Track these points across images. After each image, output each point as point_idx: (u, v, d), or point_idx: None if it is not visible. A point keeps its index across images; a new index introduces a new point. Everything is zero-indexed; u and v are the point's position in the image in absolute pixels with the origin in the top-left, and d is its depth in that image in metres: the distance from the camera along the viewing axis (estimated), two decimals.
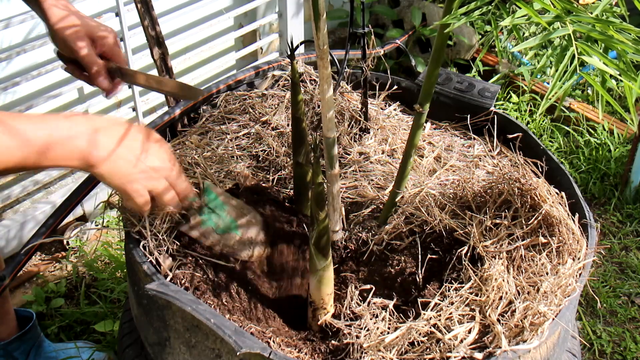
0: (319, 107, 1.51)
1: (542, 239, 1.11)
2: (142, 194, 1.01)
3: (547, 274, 1.07)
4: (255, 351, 0.93)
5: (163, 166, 1.03)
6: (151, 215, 1.15)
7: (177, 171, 1.06)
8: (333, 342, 1.07)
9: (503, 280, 1.05)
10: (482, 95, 1.47)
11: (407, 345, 0.99)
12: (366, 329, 1.02)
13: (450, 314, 1.01)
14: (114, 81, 1.28)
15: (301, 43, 1.33)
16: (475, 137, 1.47)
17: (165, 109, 1.49)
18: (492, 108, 1.45)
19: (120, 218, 1.20)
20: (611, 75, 0.80)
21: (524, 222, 1.14)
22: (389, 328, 1.03)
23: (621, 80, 0.79)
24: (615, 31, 0.79)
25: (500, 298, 1.03)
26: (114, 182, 0.99)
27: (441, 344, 0.98)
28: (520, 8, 0.79)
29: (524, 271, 1.08)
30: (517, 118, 2.71)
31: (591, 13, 0.82)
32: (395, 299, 1.11)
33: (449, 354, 0.96)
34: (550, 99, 0.78)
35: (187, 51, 2.40)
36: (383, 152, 1.42)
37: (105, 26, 1.26)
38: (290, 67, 1.33)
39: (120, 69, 1.26)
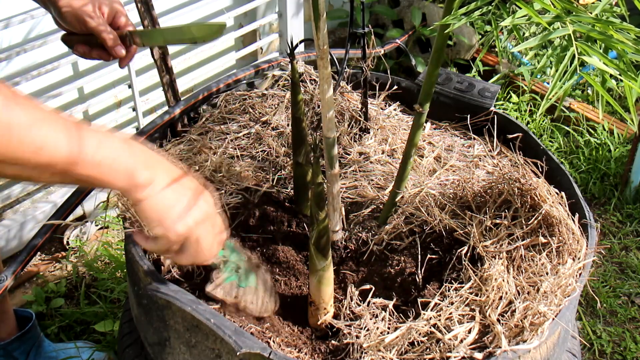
0: (319, 107, 1.51)
1: (542, 239, 1.11)
2: (174, 239, 0.91)
3: (547, 274, 1.07)
4: (255, 351, 0.93)
5: (204, 221, 0.93)
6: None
7: (215, 230, 0.96)
8: (333, 342, 1.07)
9: (503, 280, 1.05)
10: (482, 95, 1.47)
11: (407, 345, 0.99)
12: (366, 329, 1.02)
13: (450, 314, 1.01)
14: (129, 48, 1.27)
15: (301, 42, 1.33)
16: (475, 137, 1.47)
17: (165, 108, 1.49)
18: (492, 108, 1.45)
19: (120, 218, 1.20)
20: (611, 75, 0.80)
21: (524, 222, 1.14)
22: (388, 328, 1.03)
23: (621, 80, 0.79)
24: (615, 31, 0.79)
25: (500, 298, 1.03)
26: (154, 212, 0.88)
27: (441, 344, 0.98)
28: (520, 8, 0.79)
29: (524, 271, 1.08)
30: (517, 118, 2.71)
31: (591, 13, 0.82)
32: (395, 299, 1.11)
33: (449, 354, 0.96)
34: (550, 99, 0.78)
35: (187, 51, 2.40)
36: (383, 152, 1.42)
37: None
38: (290, 66, 1.33)
39: (131, 33, 1.25)
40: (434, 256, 1.17)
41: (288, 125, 1.46)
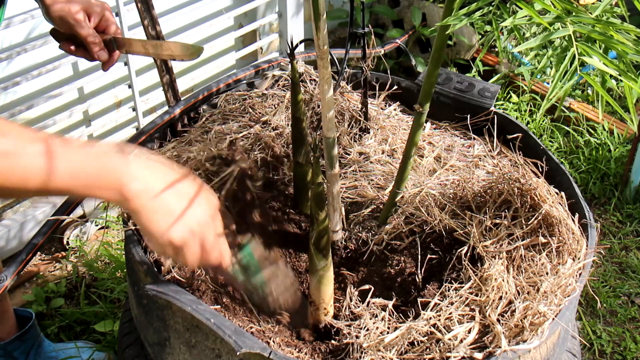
0: (319, 107, 1.51)
1: (542, 239, 1.11)
2: (177, 243, 0.89)
3: (547, 274, 1.07)
4: (255, 351, 0.93)
5: (206, 222, 0.92)
6: None
7: (217, 231, 0.95)
8: (333, 342, 1.07)
9: (503, 280, 1.05)
10: (482, 95, 1.47)
11: (407, 345, 0.99)
12: (366, 329, 1.02)
13: (450, 314, 1.01)
14: (112, 53, 1.29)
15: (301, 42, 1.33)
16: (475, 137, 1.47)
17: (165, 108, 1.49)
18: (492, 108, 1.45)
19: (121, 218, 1.20)
20: (611, 76, 0.80)
21: (523, 222, 1.14)
22: (388, 328, 1.03)
23: (621, 81, 0.79)
24: (615, 31, 0.79)
25: (500, 298, 1.03)
26: (151, 221, 0.87)
27: (441, 344, 0.98)
28: (521, 9, 0.79)
29: (524, 271, 1.08)
30: (517, 118, 2.71)
31: (591, 14, 0.83)
32: (394, 299, 1.11)
33: (448, 354, 0.96)
34: (550, 100, 0.78)
35: None
36: (383, 152, 1.42)
37: (99, 1, 1.27)
38: (290, 66, 1.33)
39: (115, 39, 1.27)
40: (433, 256, 1.17)
41: (288, 125, 1.46)
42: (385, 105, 1.58)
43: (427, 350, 0.98)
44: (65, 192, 0.84)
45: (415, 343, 0.99)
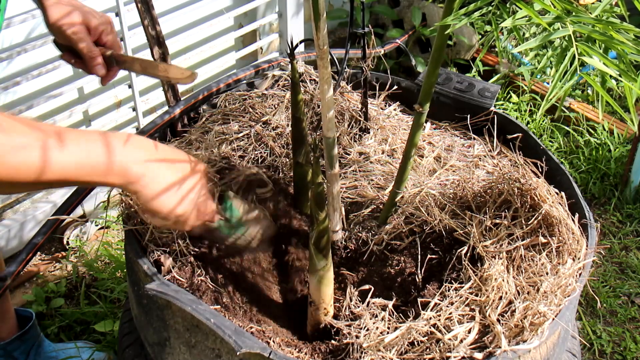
0: (319, 107, 1.51)
1: (542, 239, 1.11)
2: (183, 216, 1.00)
3: (547, 274, 1.07)
4: (255, 351, 0.93)
5: (201, 190, 1.02)
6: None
7: (205, 194, 1.05)
8: (333, 342, 1.07)
9: (503, 280, 1.05)
10: (482, 95, 1.47)
11: (407, 345, 0.99)
12: (366, 329, 1.02)
13: (450, 314, 1.01)
14: (111, 68, 1.28)
15: (301, 42, 1.33)
16: (475, 137, 1.47)
17: (165, 108, 1.49)
18: (492, 108, 1.45)
19: (121, 217, 1.20)
20: (611, 76, 0.80)
21: (523, 222, 1.14)
22: (388, 328, 1.03)
23: (621, 81, 0.79)
24: (615, 31, 0.79)
25: (500, 298, 1.03)
26: (156, 201, 0.95)
27: (441, 344, 0.98)
28: (520, 9, 0.79)
29: (524, 271, 1.08)
30: (517, 118, 2.71)
31: (591, 13, 0.83)
32: (394, 299, 1.11)
33: (448, 354, 0.96)
34: (550, 100, 0.78)
35: (187, 51, 2.40)
36: (383, 152, 1.42)
37: (101, 14, 1.26)
38: (290, 66, 1.33)
39: (115, 56, 1.27)
40: (434, 256, 1.17)
41: (288, 125, 1.46)
42: (385, 105, 1.58)
43: (427, 350, 0.98)
44: (71, 181, 0.88)
45: (415, 343, 0.99)
